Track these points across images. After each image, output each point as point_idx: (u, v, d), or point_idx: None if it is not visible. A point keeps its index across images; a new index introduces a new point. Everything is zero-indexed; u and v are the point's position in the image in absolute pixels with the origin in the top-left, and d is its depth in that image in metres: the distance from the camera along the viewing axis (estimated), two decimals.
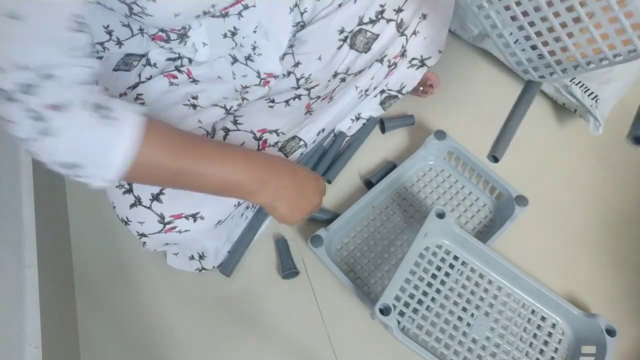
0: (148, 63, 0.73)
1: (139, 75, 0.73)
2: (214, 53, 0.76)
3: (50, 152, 0.47)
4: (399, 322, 0.73)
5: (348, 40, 0.80)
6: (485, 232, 0.87)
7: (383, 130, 0.98)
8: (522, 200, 0.85)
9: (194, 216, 0.68)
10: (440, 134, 0.90)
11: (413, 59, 0.90)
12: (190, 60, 0.76)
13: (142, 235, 0.69)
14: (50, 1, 0.44)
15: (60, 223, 0.91)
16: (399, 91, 0.93)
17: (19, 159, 0.85)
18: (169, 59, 0.74)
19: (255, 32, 0.75)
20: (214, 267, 0.84)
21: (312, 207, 0.71)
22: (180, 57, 0.76)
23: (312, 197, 0.70)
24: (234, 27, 0.73)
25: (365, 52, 0.80)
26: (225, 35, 0.73)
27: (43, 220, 0.82)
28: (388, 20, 0.79)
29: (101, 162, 0.49)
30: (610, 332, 0.73)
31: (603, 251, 0.86)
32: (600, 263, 0.85)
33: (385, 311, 0.68)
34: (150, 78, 0.72)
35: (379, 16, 0.79)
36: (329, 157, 0.92)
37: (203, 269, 0.83)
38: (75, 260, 0.88)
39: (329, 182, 0.93)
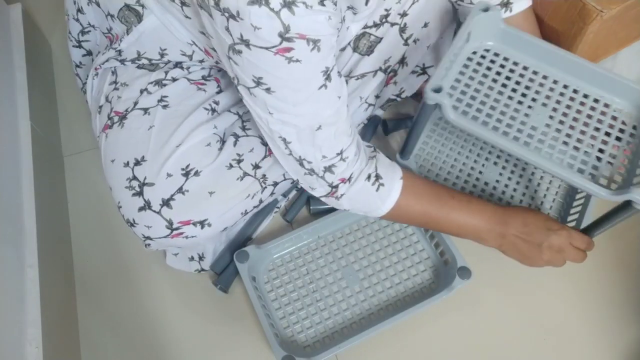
0: (178, 66, 0.74)
1: (166, 73, 0.73)
2: None
3: (337, 205, 0.70)
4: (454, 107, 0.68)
5: (351, 44, 0.79)
6: (423, 294, 0.81)
7: (386, 131, 0.99)
8: (464, 272, 0.78)
9: (202, 223, 0.68)
10: None
11: (415, 66, 0.89)
12: (219, 70, 0.76)
13: (148, 238, 0.69)
14: (340, 113, 0.61)
15: (61, 223, 0.91)
16: (398, 95, 0.93)
17: (19, 159, 0.85)
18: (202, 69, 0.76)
19: None
20: (213, 272, 0.84)
21: (543, 260, 0.70)
22: (211, 68, 0.76)
23: (537, 250, 0.70)
24: None
25: (368, 55, 0.79)
26: None
27: (44, 220, 0.82)
28: (392, 24, 0.78)
29: (371, 212, 0.70)
30: None
31: (603, 251, 0.86)
32: (600, 263, 0.85)
33: (437, 90, 0.65)
34: (176, 79, 0.73)
35: (384, 20, 0.78)
36: None
37: (202, 269, 0.84)
38: (76, 260, 0.89)
39: None
